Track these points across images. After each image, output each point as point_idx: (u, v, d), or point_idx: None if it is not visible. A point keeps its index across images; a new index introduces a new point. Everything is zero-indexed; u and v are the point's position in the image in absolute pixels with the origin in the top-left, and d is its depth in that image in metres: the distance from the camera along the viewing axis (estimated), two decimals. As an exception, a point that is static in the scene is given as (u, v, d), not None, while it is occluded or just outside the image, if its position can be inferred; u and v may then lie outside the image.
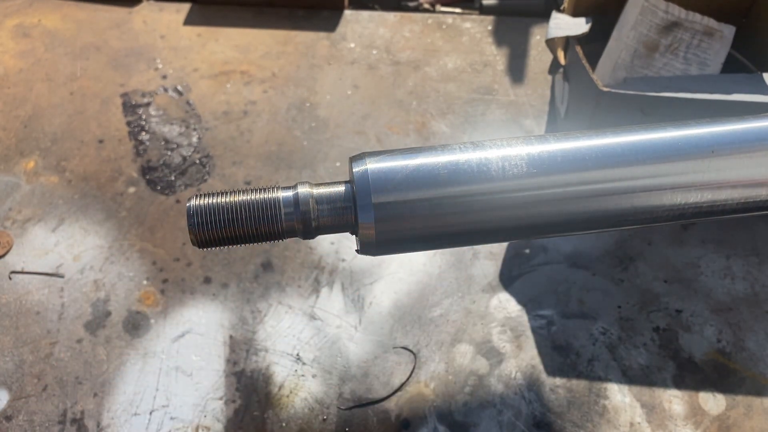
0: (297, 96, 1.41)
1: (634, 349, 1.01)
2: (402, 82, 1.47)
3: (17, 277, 1.10)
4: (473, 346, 1.02)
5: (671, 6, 1.18)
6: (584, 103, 1.09)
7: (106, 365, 0.99)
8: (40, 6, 1.65)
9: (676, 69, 1.21)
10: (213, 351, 1.00)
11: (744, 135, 0.40)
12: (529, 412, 0.94)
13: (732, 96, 1.07)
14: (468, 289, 1.09)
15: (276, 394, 0.96)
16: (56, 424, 0.92)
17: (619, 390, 0.97)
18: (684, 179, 0.39)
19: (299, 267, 1.11)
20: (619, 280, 1.10)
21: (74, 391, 0.96)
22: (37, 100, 1.41)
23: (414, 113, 1.40)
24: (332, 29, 1.61)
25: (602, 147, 0.40)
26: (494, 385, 0.97)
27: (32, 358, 0.99)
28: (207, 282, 1.09)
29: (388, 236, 0.40)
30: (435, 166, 0.38)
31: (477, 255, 1.14)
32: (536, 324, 1.04)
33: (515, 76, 1.50)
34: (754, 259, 1.14)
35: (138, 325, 1.03)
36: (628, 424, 0.93)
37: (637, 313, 1.06)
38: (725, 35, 1.20)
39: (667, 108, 1.01)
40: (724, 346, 1.02)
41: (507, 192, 0.38)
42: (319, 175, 1.27)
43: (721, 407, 0.95)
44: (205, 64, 1.50)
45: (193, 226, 0.43)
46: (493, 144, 0.39)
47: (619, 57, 1.22)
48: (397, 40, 1.59)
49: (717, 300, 1.08)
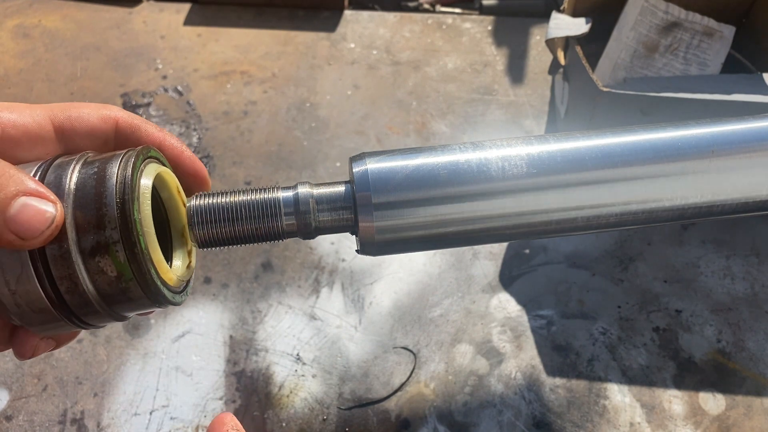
0: (297, 96, 1.41)
1: (634, 349, 1.01)
2: (402, 82, 1.47)
3: (17, 277, 1.10)
4: (473, 346, 1.02)
5: (671, 6, 1.18)
6: (584, 103, 1.09)
7: (106, 365, 0.99)
8: (40, 6, 1.65)
9: (676, 69, 1.21)
10: (213, 351, 1.00)
11: (744, 135, 0.40)
12: (529, 412, 0.94)
13: (732, 96, 1.07)
14: (468, 289, 1.09)
15: (276, 394, 0.96)
16: (56, 424, 0.92)
17: (619, 390, 0.97)
18: (684, 179, 0.39)
19: (299, 267, 1.11)
20: (619, 280, 1.10)
21: (74, 391, 0.96)
22: (38, 101, 1.41)
23: (414, 113, 1.40)
24: (332, 29, 1.61)
25: (602, 147, 0.40)
26: (494, 385, 0.97)
27: (32, 358, 0.99)
28: (207, 282, 1.09)
29: (388, 236, 0.40)
30: (435, 167, 0.38)
31: (477, 255, 1.14)
32: (536, 324, 1.04)
33: (515, 76, 1.50)
34: (754, 259, 1.14)
35: (138, 325, 1.03)
36: (628, 424, 0.93)
37: (637, 313, 1.06)
38: (725, 35, 1.20)
39: (666, 108, 1.01)
40: (724, 346, 1.02)
41: (507, 192, 0.38)
42: (319, 175, 1.27)
43: (721, 407, 0.95)
44: (206, 64, 1.50)
45: (192, 226, 0.43)
46: (493, 144, 0.39)
47: (619, 57, 1.22)
48: (397, 40, 1.59)
49: (717, 300, 1.08)
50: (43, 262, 0.35)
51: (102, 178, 0.36)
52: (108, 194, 0.36)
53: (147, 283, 0.37)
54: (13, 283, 0.35)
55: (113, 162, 0.37)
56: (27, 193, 0.34)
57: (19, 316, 0.37)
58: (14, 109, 0.40)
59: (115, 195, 0.36)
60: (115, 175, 0.36)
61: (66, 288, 0.36)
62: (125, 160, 0.38)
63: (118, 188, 0.36)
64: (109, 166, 0.37)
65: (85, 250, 0.36)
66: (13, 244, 0.34)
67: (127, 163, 0.37)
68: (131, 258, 0.36)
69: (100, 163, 0.38)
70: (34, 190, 0.35)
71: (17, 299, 0.36)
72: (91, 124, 0.42)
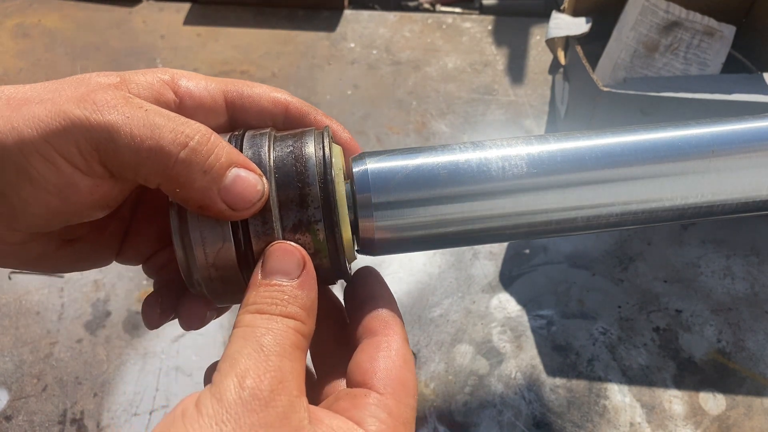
0: (297, 96, 1.41)
1: (634, 349, 1.01)
2: (402, 82, 1.47)
3: (17, 277, 1.10)
4: (473, 346, 1.02)
5: (672, 6, 1.18)
6: (584, 103, 1.09)
7: (106, 365, 0.99)
8: (40, 6, 1.65)
9: (676, 69, 1.21)
10: (213, 351, 1.00)
11: (744, 135, 0.40)
12: (529, 412, 0.94)
13: (732, 96, 1.07)
14: (468, 289, 1.09)
15: (276, 394, 0.96)
16: (56, 424, 0.92)
17: (619, 390, 0.97)
18: (684, 179, 0.39)
19: (299, 267, 1.11)
20: (619, 280, 1.10)
21: (74, 391, 0.96)
22: (37, 100, 1.41)
23: (414, 113, 1.40)
24: (332, 29, 1.61)
25: (602, 147, 0.40)
26: (494, 385, 0.97)
27: (32, 359, 0.99)
28: (207, 282, 1.09)
29: (389, 236, 0.40)
30: (435, 166, 0.38)
31: (477, 255, 1.14)
32: (536, 324, 1.04)
33: (515, 76, 1.50)
34: (754, 259, 1.14)
35: (138, 325, 1.03)
36: (628, 424, 0.93)
37: (637, 313, 1.06)
38: (725, 35, 1.20)
39: (667, 108, 1.01)
40: (724, 346, 1.02)
41: (507, 192, 0.38)
42: (319, 175, 1.27)
43: (721, 407, 0.95)
44: (205, 64, 1.50)
45: None
46: (493, 144, 0.39)
47: (619, 57, 1.22)
48: (397, 39, 1.59)
49: (717, 300, 1.08)
50: (245, 236, 0.36)
51: (300, 157, 0.37)
52: (310, 173, 0.36)
53: (339, 261, 0.38)
54: (212, 256, 0.36)
55: (307, 141, 0.38)
56: (238, 165, 0.35)
57: (208, 287, 0.38)
58: (192, 78, 0.40)
59: (317, 174, 0.37)
60: (313, 155, 0.37)
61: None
62: (316, 140, 0.38)
63: (318, 168, 0.37)
64: (304, 145, 0.38)
65: (287, 226, 0.37)
66: (224, 214, 0.34)
67: (322, 143, 0.38)
68: (330, 237, 0.37)
69: (293, 142, 0.38)
70: (245, 162, 0.35)
71: (211, 272, 0.36)
72: (262, 106, 0.42)
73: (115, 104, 0.33)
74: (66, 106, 0.33)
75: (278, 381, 0.30)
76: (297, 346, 0.32)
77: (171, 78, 0.39)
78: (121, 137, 0.32)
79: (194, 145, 0.33)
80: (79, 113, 0.32)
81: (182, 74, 0.40)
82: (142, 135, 0.33)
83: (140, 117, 0.33)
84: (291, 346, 0.32)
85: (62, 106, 0.33)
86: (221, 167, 0.34)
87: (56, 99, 0.33)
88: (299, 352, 0.33)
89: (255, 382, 0.29)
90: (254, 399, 0.28)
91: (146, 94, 0.37)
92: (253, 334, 0.31)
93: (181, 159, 0.33)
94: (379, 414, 0.33)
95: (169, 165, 0.33)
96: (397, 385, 0.34)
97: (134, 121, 0.33)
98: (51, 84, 0.36)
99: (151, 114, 0.33)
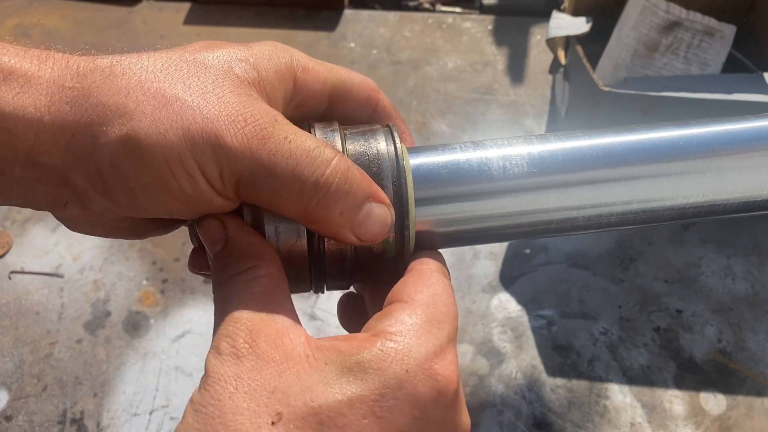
0: (297, 96, 1.41)
1: (634, 349, 1.01)
2: (402, 82, 1.47)
3: (17, 277, 1.10)
4: (473, 346, 1.02)
5: (672, 6, 1.18)
6: (585, 103, 1.09)
7: (106, 365, 0.99)
8: (40, 6, 1.65)
9: (677, 69, 1.21)
10: (213, 351, 1.00)
11: (745, 135, 0.40)
12: (530, 413, 0.94)
13: (732, 96, 1.07)
14: (468, 289, 1.09)
15: (276, 394, 0.96)
16: (56, 424, 0.92)
17: (620, 390, 0.97)
18: (685, 179, 0.39)
19: (299, 267, 1.11)
20: (619, 280, 1.10)
21: (74, 391, 0.96)
22: (37, 100, 1.41)
23: (414, 113, 1.40)
24: (332, 29, 1.61)
25: (603, 146, 0.40)
26: (495, 385, 0.97)
27: (32, 359, 0.99)
28: (207, 282, 1.09)
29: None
30: (435, 166, 0.38)
31: (477, 255, 1.13)
32: (537, 324, 1.04)
33: (515, 75, 1.50)
34: (754, 259, 1.13)
35: (138, 325, 1.03)
36: (628, 424, 0.93)
37: (637, 313, 1.06)
38: (726, 35, 1.20)
39: (667, 108, 1.01)
40: (724, 346, 1.02)
41: (508, 192, 0.38)
42: (319, 175, 1.27)
43: (722, 407, 0.95)
44: (205, 63, 1.50)
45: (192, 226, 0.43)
46: (493, 143, 0.39)
47: (620, 57, 1.22)
48: (397, 39, 1.59)
49: (717, 300, 1.08)
50: (319, 234, 0.36)
51: (374, 158, 0.37)
52: (384, 175, 0.36)
53: (404, 262, 0.38)
54: (285, 251, 0.36)
55: (378, 140, 0.37)
56: (371, 198, 0.34)
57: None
58: (308, 71, 0.39)
59: (391, 176, 0.36)
60: (386, 155, 0.37)
61: (330, 259, 0.37)
62: (386, 139, 0.38)
63: (391, 170, 0.36)
64: (376, 144, 0.37)
65: None
66: (351, 242, 0.35)
67: (393, 143, 0.37)
68: (399, 239, 0.36)
69: (363, 140, 0.37)
70: (376, 194, 0.35)
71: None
72: (360, 101, 0.40)
73: (264, 136, 0.32)
74: (217, 124, 0.31)
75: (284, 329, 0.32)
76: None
77: (289, 66, 0.37)
78: (263, 174, 0.32)
79: (334, 190, 0.33)
80: (230, 142, 0.31)
81: (300, 64, 0.38)
82: (284, 176, 0.32)
83: (284, 152, 0.32)
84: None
85: (213, 123, 0.31)
86: (357, 207, 0.34)
87: (203, 107, 0.32)
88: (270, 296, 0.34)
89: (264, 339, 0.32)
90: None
91: (277, 96, 0.36)
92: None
93: (321, 204, 0.33)
94: (402, 317, 0.31)
95: (308, 209, 0.33)
96: (431, 300, 0.33)
97: (279, 158, 0.32)
98: (184, 66, 0.33)
99: (293, 147, 0.33)
